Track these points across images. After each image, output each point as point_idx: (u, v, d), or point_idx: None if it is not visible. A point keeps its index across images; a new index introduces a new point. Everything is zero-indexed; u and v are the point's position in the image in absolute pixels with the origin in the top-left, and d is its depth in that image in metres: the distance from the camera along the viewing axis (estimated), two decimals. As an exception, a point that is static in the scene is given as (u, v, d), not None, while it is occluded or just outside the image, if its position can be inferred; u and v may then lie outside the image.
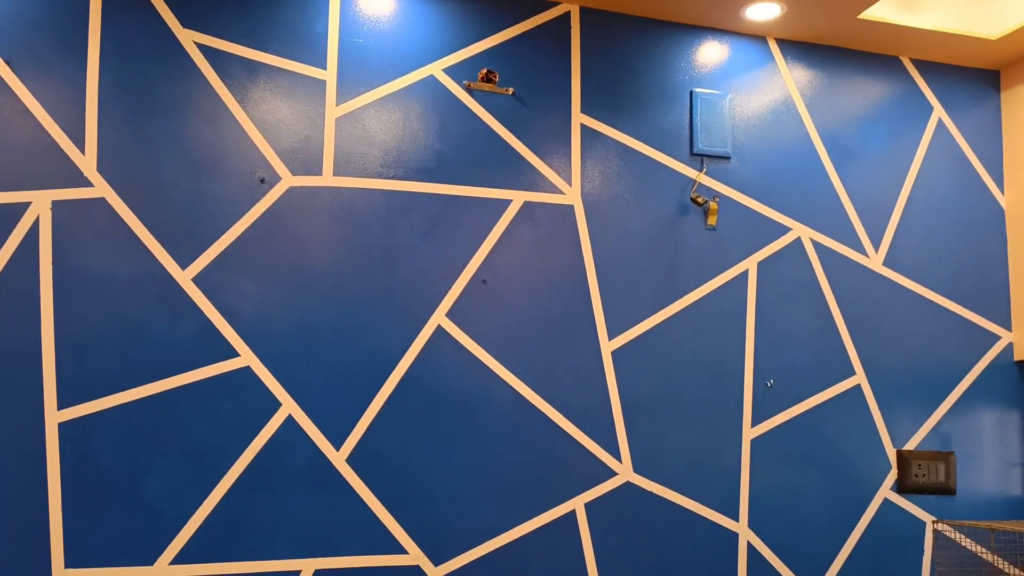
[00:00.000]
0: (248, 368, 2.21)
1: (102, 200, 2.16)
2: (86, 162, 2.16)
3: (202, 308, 2.19)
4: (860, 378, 2.65)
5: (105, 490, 2.08)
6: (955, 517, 2.61)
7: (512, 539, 2.34)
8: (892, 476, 2.64)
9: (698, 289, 2.57)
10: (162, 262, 2.18)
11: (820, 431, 2.60)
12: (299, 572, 2.19)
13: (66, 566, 2.04)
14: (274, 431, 2.21)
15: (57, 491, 2.05)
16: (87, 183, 2.16)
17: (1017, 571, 2.55)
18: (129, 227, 2.18)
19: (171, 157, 2.22)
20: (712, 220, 2.59)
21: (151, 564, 2.09)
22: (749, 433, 2.55)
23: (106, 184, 2.17)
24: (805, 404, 2.60)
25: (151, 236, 2.18)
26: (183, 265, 2.20)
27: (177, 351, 2.17)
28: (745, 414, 2.56)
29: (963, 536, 2.48)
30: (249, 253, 2.24)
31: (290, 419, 2.23)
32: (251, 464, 2.19)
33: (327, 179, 2.32)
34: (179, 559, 2.11)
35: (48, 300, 2.09)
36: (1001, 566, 2.49)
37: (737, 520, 2.51)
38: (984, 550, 2.43)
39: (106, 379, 2.11)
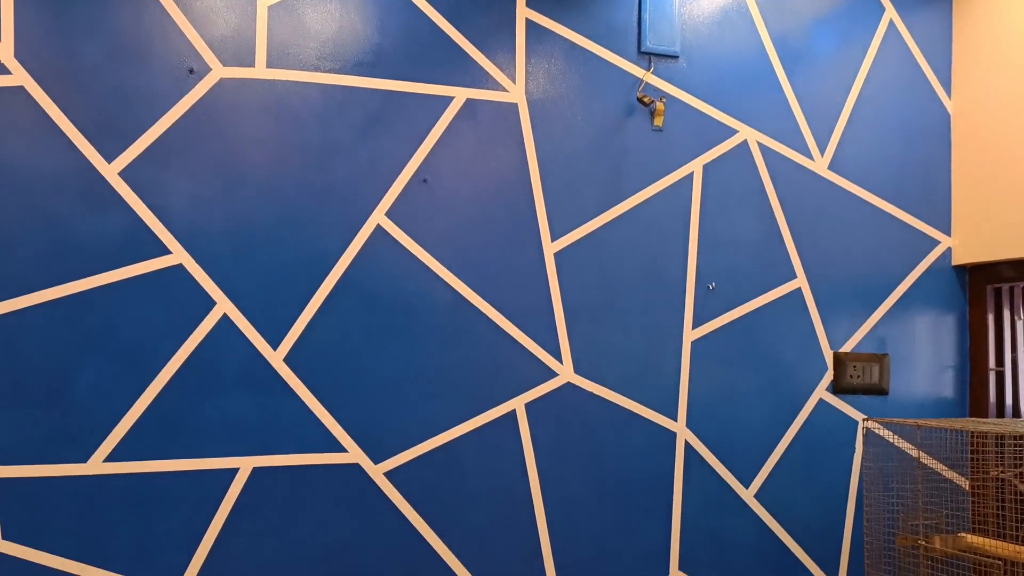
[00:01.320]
0: (181, 266, 2.16)
1: (20, 89, 2.06)
2: (2, 48, 2.05)
3: (130, 203, 2.13)
4: (801, 282, 2.67)
5: (33, 388, 2.05)
6: (886, 417, 2.68)
7: (452, 438, 2.36)
8: (828, 377, 2.69)
9: (642, 191, 2.55)
10: (86, 155, 2.10)
11: (759, 334, 2.63)
12: (237, 470, 2.19)
13: (-4, 463, 2.02)
14: (209, 330, 2.18)
15: (-16, 389, 2.02)
16: (4, 70, 2.05)
17: (939, 465, 2.64)
18: (51, 118, 2.08)
19: (94, 44, 2.12)
20: (659, 121, 2.55)
21: (84, 461, 2.08)
22: (689, 335, 2.57)
23: (25, 72, 2.07)
24: (745, 307, 2.62)
25: (74, 128, 2.10)
26: (109, 159, 2.12)
27: (104, 248, 2.11)
28: (686, 317, 2.57)
29: (891, 434, 2.55)
30: (178, 147, 2.17)
31: (225, 318, 2.19)
32: (186, 363, 2.16)
33: (260, 71, 2.24)
34: (113, 456, 2.10)
35: (-35, 193, 2.01)
36: (925, 461, 2.56)
37: (676, 420, 2.55)
38: (911, 446, 2.50)
39: (30, 276, 2.05)
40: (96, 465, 2.08)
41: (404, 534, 2.30)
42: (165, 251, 2.15)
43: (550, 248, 2.46)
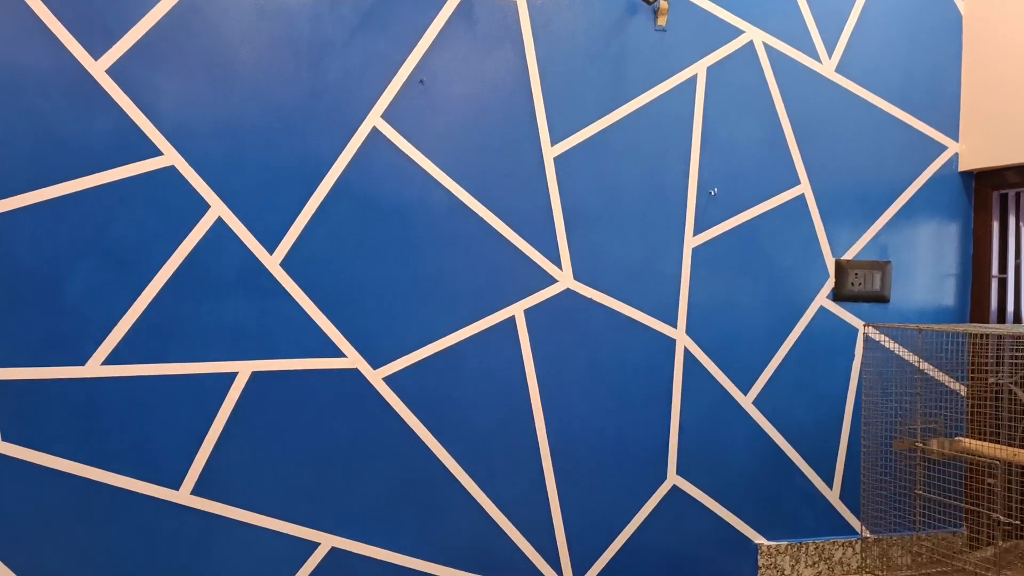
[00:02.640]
0: (173, 168, 2.12)
1: (0, -18, 1.99)
2: (-22, -62, 1.97)
3: (119, 102, 2.07)
4: (804, 188, 2.63)
5: (26, 291, 2.03)
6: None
7: (451, 344, 2.35)
8: (829, 285, 2.67)
9: (644, 94, 2.49)
10: (72, 52, 2.04)
11: (761, 241, 2.60)
12: (236, 374, 2.18)
13: (-7, 366, 2.01)
14: (203, 234, 2.15)
15: (-23, 291, 2.00)
16: (-19, -38, 1.97)
17: (938, 372, 2.64)
18: (34, 12, 2.01)
19: (75, -64, 2.03)
20: (662, 20, 2.47)
21: (83, 364, 2.07)
22: (690, 242, 2.54)
23: (3, -36, 1.99)
24: (747, 214, 2.59)
25: (58, 23, 2.03)
26: (95, 55, 2.05)
27: (94, 149, 2.06)
28: (687, 223, 2.54)
29: (891, 340, 2.54)
30: (167, 45, 2.10)
31: (220, 222, 2.16)
32: (181, 267, 2.13)
33: (249, -35, 2.15)
34: (111, 360, 2.09)
35: (-52, 91, 1.95)
36: (923, 366, 2.57)
37: (675, 327, 2.54)
38: (910, 353, 2.50)
39: (17, 178, 2.01)
40: (94, 368, 2.08)
41: (404, 438, 2.31)
42: (156, 152, 2.11)
43: (550, 152, 2.41)
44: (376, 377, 2.29)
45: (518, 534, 2.40)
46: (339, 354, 2.26)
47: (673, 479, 2.54)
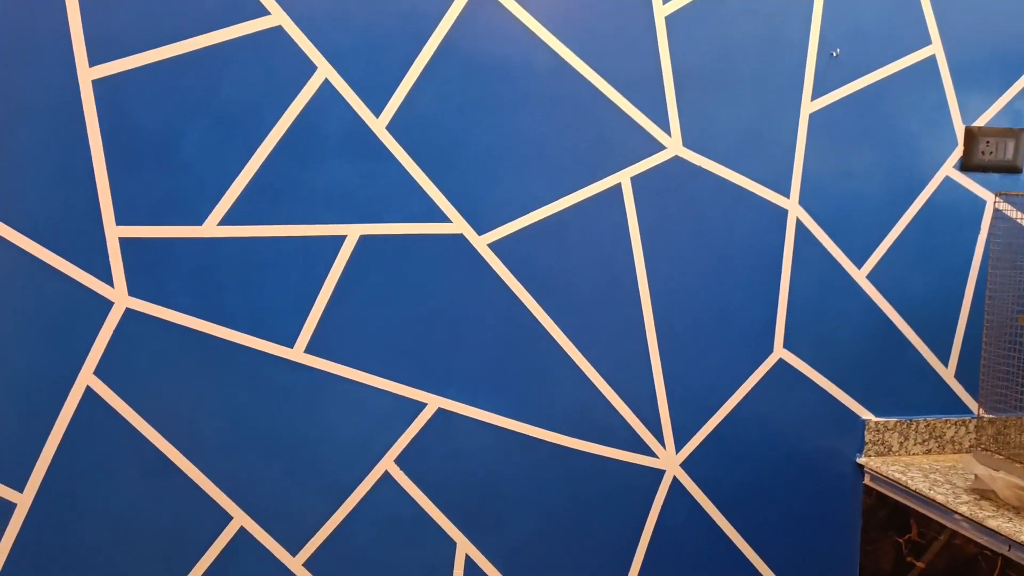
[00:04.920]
0: (280, 28, 2.11)
1: None
2: None
3: (225, -40, 2.05)
4: (935, 48, 2.45)
5: (145, 151, 2.08)
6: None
7: (555, 211, 2.32)
8: (956, 154, 2.51)
9: (764, -54, 2.33)
10: (178, -92, 2.02)
11: (885, 106, 2.45)
12: (344, 236, 2.21)
13: (118, 223, 2.08)
14: (311, 96, 2.15)
15: (100, 151, 2.06)
16: None
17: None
18: None
19: None
20: None
21: (200, 224, 2.13)
22: (808, 107, 2.42)
23: None
24: (871, 76, 2.43)
25: None
26: (200, -89, 2.03)
27: (204, 7, 2.06)
28: (805, 87, 2.41)
29: (1022, 212, 2.39)
30: (270, -102, 2.06)
31: (327, 84, 2.15)
32: (289, 129, 2.15)
33: None
34: (226, 220, 2.14)
35: (63, -51, 1.97)
36: (1061, 236, 2.41)
37: (788, 197, 2.45)
38: (1045, 223, 2.35)
39: (132, 36, 2.04)
40: (211, 228, 2.14)
41: (508, 304, 2.32)
42: (263, 11, 2.10)
43: (661, 11, 2.30)
44: (481, 243, 2.29)
45: (620, 401, 2.42)
46: (444, 219, 2.26)
47: (779, 352, 2.50)
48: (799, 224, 2.46)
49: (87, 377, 2.11)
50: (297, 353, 2.22)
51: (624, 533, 2.46)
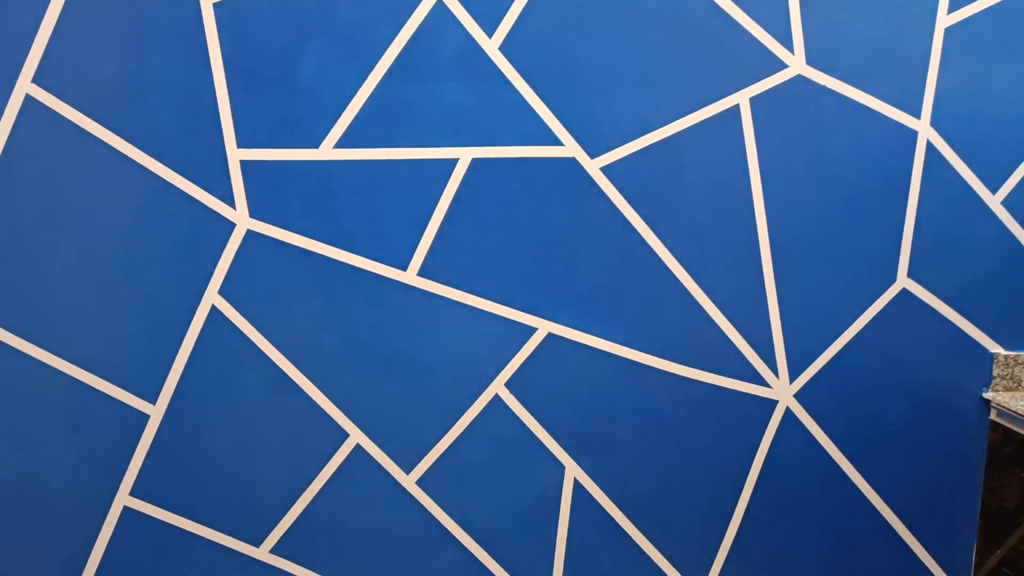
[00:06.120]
0: (393, -53, 2.09)
1: None
2: None
3: None
4: (1091, -47, 2.25)
5: (264, 73, 2.11)
6: None
7: (671, 133, 2.26)
8: (1110, 69, 2.32)
9: None
10: None
11: (1030, 18, 2.28)
12: (457, 160, 2.21)
13: (239, 145, 2.13)
14: (424, 15, 2.13)
15: (221, 74, 2.09)
16: None
17: None
18: None
19: None
20: None
21: (317, 147, 2.16)
22: (944, 20, 2.27)
23: None
24: (1017, -15, 2.26)
25: None
26: None
27: (319, -73, 2.06)
28: (942, -2, 2.25)
29: None
30: None
31: (440, 3, 2.13)
32: (404, 50, 2.14)
33: None
34: (342, 143, 2.16)
35: None
36: None
37: (919, 118, 2.32)
38: None
39: (252, -43, 2.05)
40: (327, 151, 2.16)
41: (620, 229, 2.29)
42: (377, -70, 2.08)
43: (786, -81, 2.18)
44: (593, 167, 2.25)
45: (733, 330, 2.37)
46: (556, 142, 2.23)
47: (903, 281, 2.39)
48: (929, 146, 2.33)
49: (212, 296, 2.19)
50: (411, 276, 2.24)
51: (734, 464, 2.43)
